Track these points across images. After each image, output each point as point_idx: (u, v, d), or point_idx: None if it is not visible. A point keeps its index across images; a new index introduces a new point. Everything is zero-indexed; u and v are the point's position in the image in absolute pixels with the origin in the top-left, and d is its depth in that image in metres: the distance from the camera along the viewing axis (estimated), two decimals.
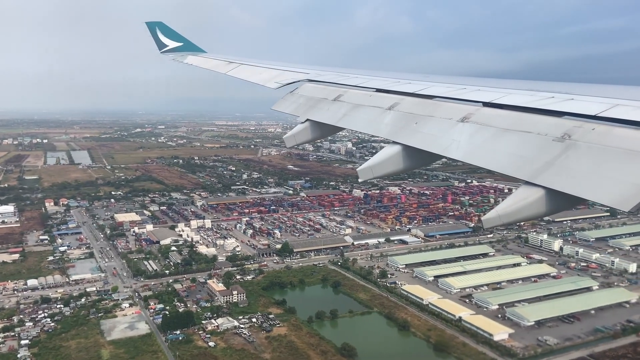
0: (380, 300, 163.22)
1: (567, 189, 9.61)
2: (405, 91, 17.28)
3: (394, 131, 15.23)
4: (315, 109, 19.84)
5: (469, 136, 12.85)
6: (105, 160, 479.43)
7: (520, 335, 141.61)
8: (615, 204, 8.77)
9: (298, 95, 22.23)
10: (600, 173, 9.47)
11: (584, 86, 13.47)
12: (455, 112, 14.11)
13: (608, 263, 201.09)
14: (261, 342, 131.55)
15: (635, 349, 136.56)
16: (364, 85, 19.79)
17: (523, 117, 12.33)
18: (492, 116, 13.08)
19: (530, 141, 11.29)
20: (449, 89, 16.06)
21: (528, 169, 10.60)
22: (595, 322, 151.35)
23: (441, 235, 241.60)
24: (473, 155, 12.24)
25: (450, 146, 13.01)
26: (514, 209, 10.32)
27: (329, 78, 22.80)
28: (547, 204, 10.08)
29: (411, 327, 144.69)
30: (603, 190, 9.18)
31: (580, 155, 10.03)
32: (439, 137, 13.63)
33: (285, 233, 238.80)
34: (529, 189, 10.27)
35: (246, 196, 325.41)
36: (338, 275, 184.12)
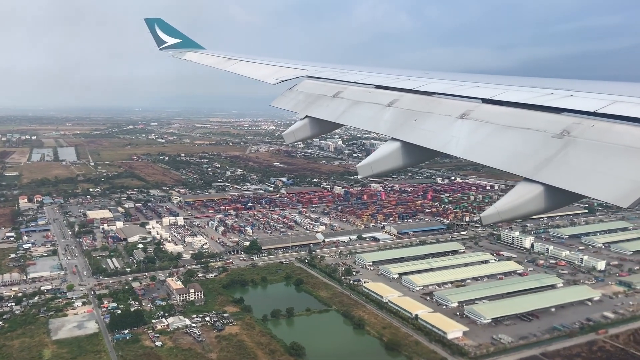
0: (341, 298, 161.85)
1: (566, 185, 9.62)
2: (404, 88, 17.34)
3: (394, 128, 15.24)
4: (314, 106, 19.88)
5: (468, 133, 12.86)
6: (90, 157, 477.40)
7: (475, 334, 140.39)
8: (614, 201, 8.76)
9: (297, 91, 22.27)
10: (600, 169, 9.46)
11: (583, 83, 13.53)
12: (455, 108, 14.15)
13: (577, 261, 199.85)
14: (210, 341, 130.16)
15: (590, 347, 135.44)
16: (364, 82, 19.91)
17: (522, 113, 12.34)
18: (492, 113, 13.11)
19: (530, 138, 11.32)
20: (448, 86, 16.06)
21: (527, 165, 10.61)
22: (555, 320, 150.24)
23: (414, 233, 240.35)
24: (472, 152, 12.30)
25: (449, 143, 13.01)
26: (513, 206, 10.31)
27: (328, 74, 22.80)
28: (546, 200, 10.10)
29: (367, 326, 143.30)
30: (602, 186, 9.16)
31: (580, 151, 10.04)
32: (438, 133, 13.69)
33: (257, 230, 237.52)
34: (528, 186, 10.29)
35: (225, 193, 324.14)
36: (303, 273, 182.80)
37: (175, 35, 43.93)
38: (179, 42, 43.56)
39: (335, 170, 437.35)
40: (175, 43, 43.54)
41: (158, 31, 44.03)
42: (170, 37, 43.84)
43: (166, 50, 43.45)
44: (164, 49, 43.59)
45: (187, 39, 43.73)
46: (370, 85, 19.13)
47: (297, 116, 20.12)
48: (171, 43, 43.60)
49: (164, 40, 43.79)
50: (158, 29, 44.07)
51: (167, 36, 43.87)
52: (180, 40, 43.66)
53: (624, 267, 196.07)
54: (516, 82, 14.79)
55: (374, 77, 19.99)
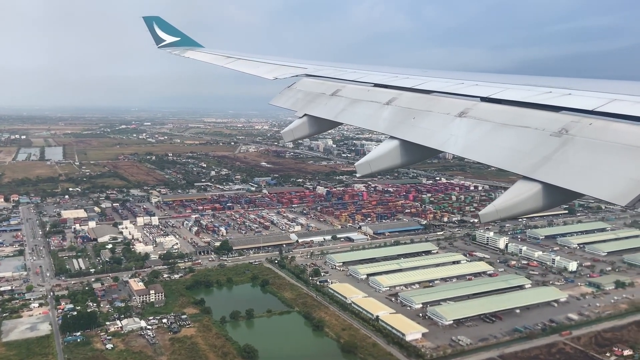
0: (305, 299, 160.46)
1: (565, 183, 9.61)
2: (403, 86, 17.29)
3: (392, 126, 15.21)
4: (313, 104, 19.84)
5: (466, 131, 12.82)
6: (76, 157, 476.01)
7: (435, 335, 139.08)
8: (613, 199, 8.69)
9: (296, 90, 22.21)
10: (598, 168, 9.43)
11: (582, 81, 13.52)
12: (453, 107, 14.12)
13: (549, 261, 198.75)
14: (164, 344, 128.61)
15: (549, 350, 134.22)
16: (362, 80, 19.88)
17: (521, 112, 12.31)
18: (490, 111, 13.08)
19: (528, 136, 11.28)
20: (447, 84, 16.09)
21: (525, 163, 10.60)
22: (519, 321, 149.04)
23: (390, 233, 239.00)
24: (471, 150, 12.29)
25: (448, 141, 13.02)
26: (511, 204, 10.30)
27: (327, 73, 22.79)
28: (545, 198, 10.09)
29: (326, 327, 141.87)
30: (600, 185, 9.12)
31: (578, 150, 10.02)
32: (436, 132, 13.63)
33: (232, 230, 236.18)
34: (526, 184, 10.28)
35: (206, 193, 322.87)
36: (270, 274, 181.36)
37: (174, 33, 44.08)
38: (177, 40, 43.70)
39: (321, 170, 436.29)
40: (174, 41, 43.65)
41: (156, 29, 44.09)
42: (169, 35, 43.97)
43: (164, 48, 43.56)
44: (163, 47, 43.68)
45: (185, 37, 43.92)
46: (368, 84, 19.16)
47: (295, 114, 20.03)
48: (170, 41, 43.73)
49: (162, 39, 43.91)
50: (156, 27, 44.12)
51: (166, 34, 43.99)
52: (178, 38, 43.80)
53: (596, 268, 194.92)
54: (515, 80, 14.91)
55: (372, 76, 20.06)
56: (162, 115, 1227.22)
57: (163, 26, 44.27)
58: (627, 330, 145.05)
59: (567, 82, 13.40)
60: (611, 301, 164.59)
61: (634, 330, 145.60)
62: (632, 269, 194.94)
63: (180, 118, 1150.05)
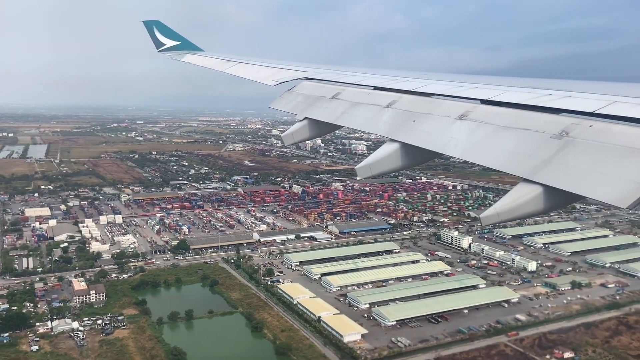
0: (252, 299, 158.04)
1: (565, 186, 9.58)
2: (403, 89, 17.20)
3: (392, 129, 15.14)
4: (313, 107, 19.74)
5: (467, 134, 12.79)
6: (59, 155, 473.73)
7: (375, 336, 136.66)
8: (613, 201, 8.60)
9: (296, 93, 22.16)
10: (598, 170, 9.35)
11: (582, 83, 13.35)
12: (453, 109, 14.05)
13: (509, 261, 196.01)
14: (93, 345, 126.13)
15: (489, 352, 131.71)
16: (362, 83, 19.75)
17: (521, 114, 12.25)
18: (490, 114, 13.02)
19: (528, 138, 11.25)
20: (447, 87, 15.97)
21: (526, 166, 10.57)
22: (465, 322, 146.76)
23: (356, 232, 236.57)
24: (471, 153, 12.25)
25: (448, 144, 12.95)
26: (513, 206, 10.25)
27: (326, 76, 22.70)
28: (545, 201, 10.05)
29: (266, 328, 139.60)
30: (601, 187, 9.04)
31: (578, 152, 9.99)
32: (437, 134, 13.58)
33: (196, 229, 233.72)
34: (527, 186, 10.23)
35: (181, 191, 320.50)
36: (223, 274, 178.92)
37: (174, 37, 43.85)
38: (177, 44, 43.45)
39: (304, 169, 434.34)
40: (174, 45, 43.42)
41: (157, 33, 43.95)
42: (169, 40, 43.75)
43: (165, 52, 43.34)
44: (163, 51, 43.48)
45: (185, 41, 43.63)
46: (369, 87, 19.00)
47: (296, 118, 19.98)
48: (170, 45, 43.53)
49: (162, 43, 43.70)
50: (157, 31, 44.01)
51: (166, 38, 43.76)
52: (179, 42, 43.53)
53: (556, 269, 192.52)
54: (515, 82, 14.70)
55: (372, 79, 19.91)
56: (157, 114, 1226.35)
57: (163, 30, 44.12)
58: (574, 332, 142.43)
59: (567, 84, 13.26)
60: (564, 302, 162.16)
61: (581, 332, 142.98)
62: (593, 270, 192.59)
63: (175, 117, 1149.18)
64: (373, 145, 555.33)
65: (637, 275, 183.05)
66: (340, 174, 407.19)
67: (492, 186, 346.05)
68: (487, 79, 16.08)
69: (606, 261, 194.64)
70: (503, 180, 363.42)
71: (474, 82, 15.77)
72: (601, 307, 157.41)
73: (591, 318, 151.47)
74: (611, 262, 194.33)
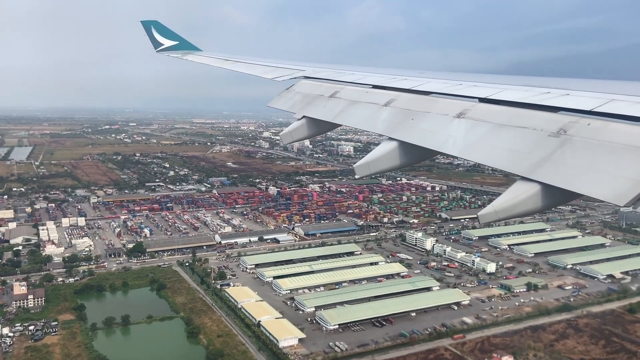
0: (196, 304, 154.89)
1: (563, 184, 9.57)
2: (401, 87, 17.22)
3: (391, 127, 15.17)
4: (311, 106, 19.76)
5: (465, 132, 12.82)
6: (42, 157, 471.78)
7: (314, 341, 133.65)
8: (611, 199, 8.69)
9: (294, 92, 22.16)
10: (596, 168, 9.44)
11: (580, 82, 13.42)
12: (452, 108, 14.05)
13: (469, 263, 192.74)
14: (19, 352, 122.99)
15: (427, 356, 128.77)
16: (360, 82, 19.82)
17: (519, 112, 12.31)
18: (488, 112, 13.05)
19: (526, 136, 11.32)
20: (445, 85, 16.02)
21: (524, 164, 10.58)
22: (410, 325, 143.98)
23: (322, 234, 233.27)
24: (469, 151, 12.25)
25: (446, 142, 12.95)
26: (510, 205, 10.21)
27: (325, 75, 22.68)
28: (543, 199, 10.01)
29: (204, 333, 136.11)
30: (599, 185, 9.10)
31: (576, 150, 10.02)
32: (435, 133, 13.62)
33: (159, 232, 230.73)
34: (525, 184, 10.21)
35: (155, 193, 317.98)
36: (174, 277, 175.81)
37: (172, 37, 43.89)
38: (175, 44, 43.51)
39: (286, 170, 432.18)
40: (172, 45, 43.48)
41: (155, 33, 43.95)
42: (167, 40, 43.80)
43: (163, 52, 43.43)
44: (161, 51, 43.52)
45: (184, 41, 43.66)
46: (367, 85, 19.10)
47: (294, 116, 19.86)
48: (168, 45, 43.59)
49: (160, 43, 43.74)
50: (155, 31, 43.99)
51: (164, 38, 43.80)
52: (177, 42, 43.59)
53: (516, 270, 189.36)
54: (513, 81, 14.73)
55: (370, 77, 19.98)
56: (153, 116, 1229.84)
57: (161, 30, 44.06)
58: (519, 336, 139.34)
59: (565, 83, 13.25)
60: (516, 304, 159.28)
61: (527, 335, 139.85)
62: (554, 271, 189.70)
63: (170, 119, 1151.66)
64: (361, 146, 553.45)
65: (597, 276, 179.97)
66: (322, 175, 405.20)
67: (473, 187, 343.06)
68: (485, 78, 16.07)
69: (568, 262, 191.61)
70: (485, 182, 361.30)
71: (472, 81, 15.73)
72: (552, 310, 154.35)
73: (541, 321, 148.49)
74: (573, 263, 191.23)
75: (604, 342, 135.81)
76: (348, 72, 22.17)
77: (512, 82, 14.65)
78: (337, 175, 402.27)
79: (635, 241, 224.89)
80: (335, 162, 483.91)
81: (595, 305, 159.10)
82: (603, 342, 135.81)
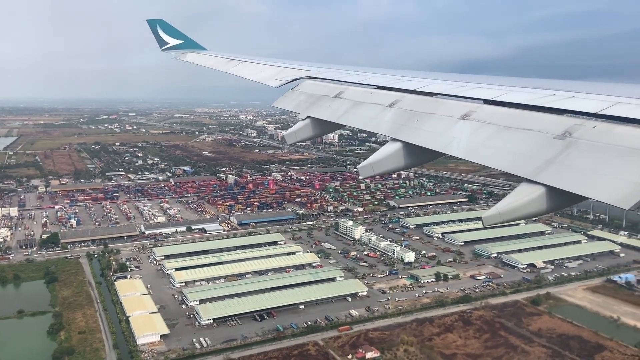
0: (79, 298, 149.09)
1: (568, 186, 9.52)
2: (406, 88, 17.11)
3: (395, 128, 15.05)
4: (316, 106, 19.76)
5: (469, 134, 12.74)
6: (22, 146, 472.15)
7: (179, 337, 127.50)
8: (616, 202, 8.58)
9: (299, 92, 22.24)
10: (601, 171, 9.35)
11: (585, 84, 13.37)
12: (456, 109, 13.94)
13: (390, 252, 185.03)
14: None
15: (290, 352, 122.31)
16: (365, 83, 19.70)
17: (524, 114, 12.18)
18: (493, 114, 12.94)
19: (531, 139, 11.18)
20: (450, 87, 15.87)
21: (529, 166, 10.47)
22: (294, 318, 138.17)
23: (257, 223, 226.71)
24: (474, 153, 12.19)
25: (451, 143, 12.88)
26: (515, 207, 10.15)
27: (329, 75, 22.60)
28: (548, 201, 9.95)
29: (67, 330, 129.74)
30: (603, 188, 9.00)
31: (581, 153, 9.95)
32: (439, 134, 13.57)
33: (89, 222, 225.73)
34: (529, 187, 10.15)
35: (110, 182, 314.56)
36: (74, 270, 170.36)
37: (177, 36, 43.88)
38: (180, 42, 43.45)
39: (260, 158, 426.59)
40: (177, 44, 43.43)
41: (160, 32, 43.90)
42: (172, 38, 43.73)
43: (168, 51, 43.39)
44: (166, 50, 43.50)
45: (188, 40, 43.56)
46: (371, 86, 18.97)
47: (298, 116, 19.98)
48: (173, 44, 43.54)
49: (165, 41, 43.71)
50: (160, 30, 43.94)
51: (169, 37, 43.73)
52: (182, 41, 43.51)
53: (439, 259, 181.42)
54: (518, 82, 14.61)
55: (375, 78, 19.83)
56: (159, 106, 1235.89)
57: (166, 29, 43.94)
58: (402, 329, 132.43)
59: (570, 85, 13.20)
60: (416, 295, 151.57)
61: (411, 328, 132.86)
62: (477, 260, 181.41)
63: (174, 108, 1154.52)
64: (346, 134, 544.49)
65: (517, 265, 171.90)
66: (293, 163, 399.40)
67: (439, 174, 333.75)
68: (490, 79, 15.89)
69: (492, 251, 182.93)
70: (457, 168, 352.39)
71: (477, 82, 15.59)
72: (450, 301, 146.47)
73: (434, 313, 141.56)
74: (498, 252, 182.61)
75: (488, 336, 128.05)
76: (352, 73, 22.05)
77: (517, 83, 14.41)
78: (312, 164, 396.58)
79: (580, 229, 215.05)
80: (314, 150, 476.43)
81: (501, 296, 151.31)
82: (487, 336, 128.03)
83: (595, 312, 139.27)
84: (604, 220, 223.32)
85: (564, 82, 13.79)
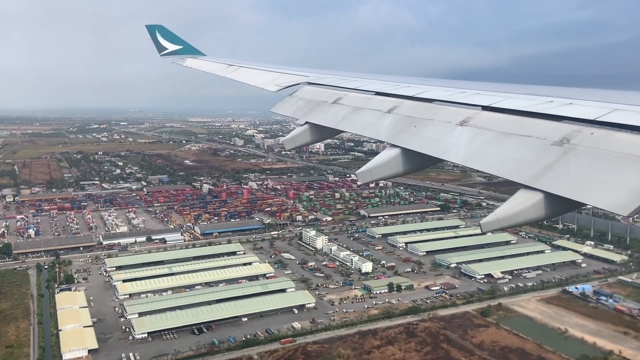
0: (16, 310, 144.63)
1: (566, 193, 9.44)
2: (404, 94, 17.06)
3: (393, 134, 14.98)
4: (314, 112, 19.68)
5: (468, 140, 12.70)
6: (4, 155, 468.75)
7: (109, 352, 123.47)
8: (614, 209, 8.55)
9: (297, 97, 22.08)
10: (599, 177, 9.26)
11: (583, 91, 13.32)
12: (455, 115, 13.94)
13: (349, 262, 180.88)
14: None
15: None
16: (364, 88, 19.68)
17: (522, 121, 12.16)
18: (491, 120, 12.92)
19: (529, 145, 11.11)
20: (448, 93, 15.92)
21: (527, 172, 10.36)
22: (233, 331, 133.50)
23: (221, 233, 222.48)
24: (472, 159, 12.16)
25: (449, 150, 12.86)
26: (513, 213, 10.03)
27: (328, 81, 22.55)
28: (546, 207, 9.86)
29: None
30: (602, 194, 8.94)
31: (579, 159, 9.87)
32: (438, 140, 13.50)
33: (50, 232, 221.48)
34: (527, 193, 10.05)
35: (82, 192, 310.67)
36: (19, 281, 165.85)
37: (176, 41, 43.61)
38: (179, 48, 43.20)
39: (241, 167, 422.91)
40: (176, 49, 43.15)
41: (159, 38, 43.62)
42: (171, 44, 43.47)
43: (167, 56, 43.13)
44: (165, 56, 43.26)
45: (187, 46, 43.39)
46: (370, 92, 18.90)
47: (297, 122, 19.73)
48: (172, 49, 43.25)
49: (164, 47, 43.47)
50: (159, 36, 43.67)
51: (168, 42, 43.45)
52: (181, 46, 43.29)
53: (396, 269, 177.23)
54: (516, 89, 14.60)
55: (374, 84, 19.89)
56: (153, 115, 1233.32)
57: (165, 35, 43.65)
58: (343, 341, 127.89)
59: (568, 92, 13.11)
60: (365, 307, 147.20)
61: (352, 340, 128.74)
62: (436, 270, 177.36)
63: (167, 117, 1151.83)
64: (333, 143, 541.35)
65: (475, 276, 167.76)
66: (273, 172, 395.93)
67: (418, 184, 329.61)
68: (489, 86, 15.85)
69: (451, 261, 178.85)
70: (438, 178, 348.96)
71: (475, 89, 15.51)
72: (398, 313, 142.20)
73: (379, 325, 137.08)
74: (457, 262, 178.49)
75: (429, 349, 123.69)
76: (351, 79, 21.99)
77: (515, 90, 14.38)
78: (293, 173, 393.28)
79: (546, 238, 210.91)
80: (298, 159, 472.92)
81: (451, 307, 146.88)
82: (428, 349, 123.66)
83: (544, 324, 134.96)
84: (573, 230, 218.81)
85: (561, 89, 13.72)
